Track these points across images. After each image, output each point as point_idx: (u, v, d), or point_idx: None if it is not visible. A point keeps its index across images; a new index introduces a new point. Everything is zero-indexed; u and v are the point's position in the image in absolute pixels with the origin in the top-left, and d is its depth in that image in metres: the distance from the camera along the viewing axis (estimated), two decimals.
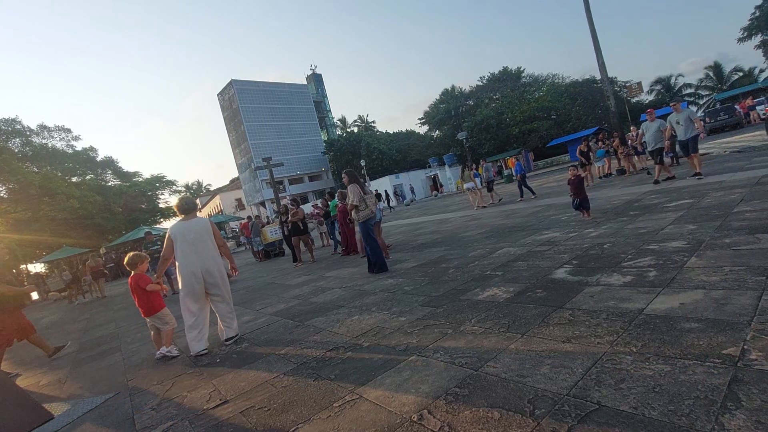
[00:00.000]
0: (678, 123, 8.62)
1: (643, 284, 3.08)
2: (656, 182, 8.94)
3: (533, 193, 12.50)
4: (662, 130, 9.08)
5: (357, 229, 9.66)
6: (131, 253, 4.41)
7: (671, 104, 9.18)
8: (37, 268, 31.73)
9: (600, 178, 13.92)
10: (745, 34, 39.31)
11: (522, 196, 12.62)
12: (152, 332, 4.47)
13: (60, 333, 8.04)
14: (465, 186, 13.50)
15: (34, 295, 19.62)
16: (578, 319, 2.73)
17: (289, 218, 9.69)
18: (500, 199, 13.91)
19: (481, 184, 13.70)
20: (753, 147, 11.82)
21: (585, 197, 6.43)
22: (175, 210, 4.44)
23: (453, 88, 53.57)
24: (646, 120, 9.55)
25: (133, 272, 4.32)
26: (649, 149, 9.56)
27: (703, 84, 46.54)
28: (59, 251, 24.40)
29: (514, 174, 13.61)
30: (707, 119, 24.17)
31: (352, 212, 6.46)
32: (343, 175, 6.69)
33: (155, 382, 3.56)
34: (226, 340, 4.29)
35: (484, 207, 12.90)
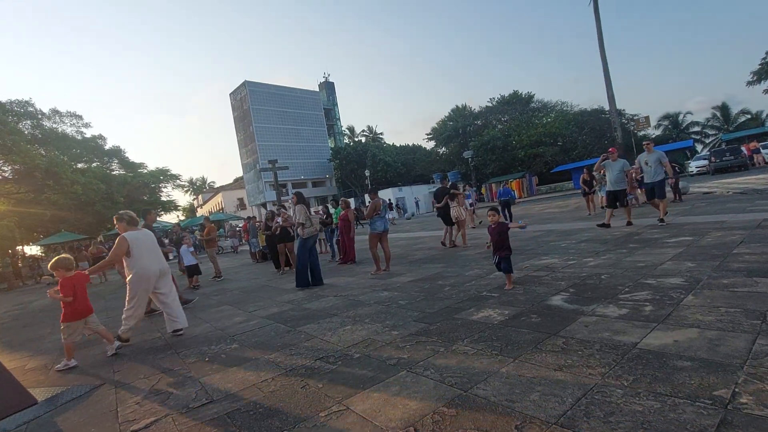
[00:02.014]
0: (647, 164, 8.13)
1: (638, 318, 3.08)
2: (627, 223, 8.38)
3: (511, 220, 13.05)
4: (626, 171, 8.46)
5: (354, 236, 9.67)
6: (64, 256, 4.43)
7: (644, 143, 8.52)
8: (33, 250, 31.68)
9: (602, 207, 13.97)
10: (755, 78, 39.76)
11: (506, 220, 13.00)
12: (89, 333, 4.53)
13: (50, 318, 7.99)
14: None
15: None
16: (571, 348, 2.72)
17: (280, 223, 9.70)
18: (480, 222, 14.28)
19: (469, 207, 14.17)
20: (756, 189, 11.88)
21: (508, 255, 4.62)
22: (121, 221, 4.79)
23: (464, 106, 54.13)
24: (608, 159, 8.65)
25: (65, 275, 4.23)
26: (608, 189, 8.68)
27: (709, 123, 46.98)
28: (57, 235, 24.42)
29: (498, 198, 14.23)
30: (713, 158, 24.26)
31: (298, 229, 7.02)
32: (291, 196, 7.28)
33: (142, 376, 3.54)
34: (175, 331, 4.84)
35: (473, 228, 13.36)
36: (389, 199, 31.37)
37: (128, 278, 4.67)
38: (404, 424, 2.07)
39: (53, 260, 4.34)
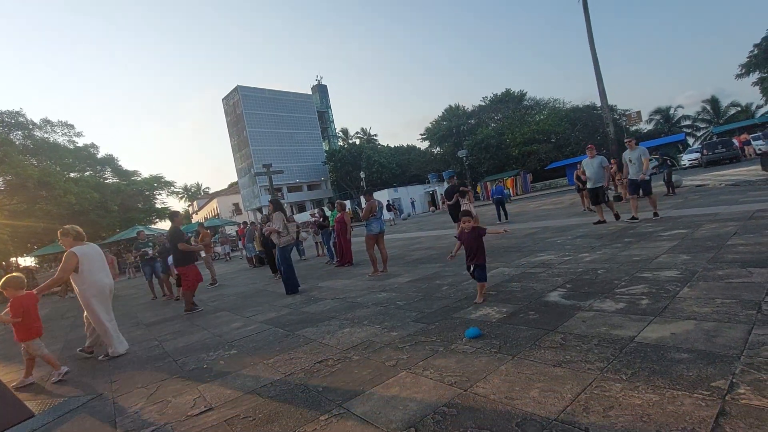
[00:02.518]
0: (631, 161, 8.14)
1: (635, 312, 3.09)
2: (600, 222, 8.40)
3: (506, 218, 13.19)
4: (604, 167, 8.44)
5: (351, 239, 9.66)
6: (14, 275, 4.31)
7: (626, 141, 8.53)
8: (27, 261, 31.37)
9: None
10: (743, 70, 40.21)
11: (499, 219, 13.25)
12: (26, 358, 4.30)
13: (46, 330, 7.90)
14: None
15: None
16: (569, 343, 2.73)
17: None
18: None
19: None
20: (748, 181, 12.00)
21: (483, 263, 4.16)
22: (66, 236, 4.76)
23: (457, 106, 54.29)
24: (586, 158, 8.69)
25: (15, 294, 4.12)
26: (589, 186, 8.75)
27: (700, 117, 47.40)
28: (51, 246, 24.19)
29: (491, 196, 14.42)
30: (705, 151, 24.51)
31: (273, 236, 6.97)
32: (268, 203, 7.24)
33: (140, 385, 3.50)
34: (111, 354, 4.71)
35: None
36: (388, 200, 31.37)
37: (81, 294, 4.54)
38: (405, 425, 2.07)
39: (2, 280, 4.19)
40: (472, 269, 4.21)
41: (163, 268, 10.08)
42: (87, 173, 35.07)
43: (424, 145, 59.18)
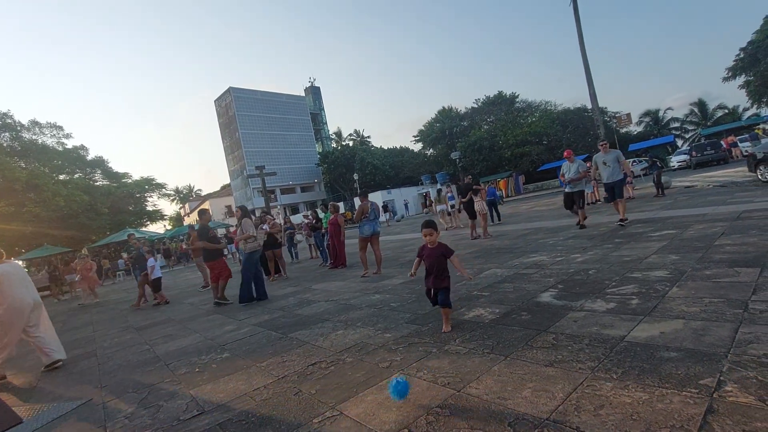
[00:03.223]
0: (605, 164, 7.98)
1: (625, 311, 3.13)
2: (581, 226, 8.21)
3: (499, 219, 13.39)
4: (581, 171, 8.42)
5: (345, 240, 9.65)
6: None
7: (599, 144, 8.40)
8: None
9: (588, 204, 14.26)
10: (730, 74, 40.95)
11: (492, 221, 13.36)
12: None
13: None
14: (438, 208, 14.80)
15: None
16: (561, 343, 2.75)
17: (267, 230, 9.64)
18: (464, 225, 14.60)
19: (452, 208, 14.80)
20: (735, 182, 12.22)
21: (448, 286, 3.50)
22: None
23: (450, 108, 54.54)
24: (566, 161, 8.72)
25: None
26: (567, 190, 8.70)
27: (688, 119, 48.18)
28: (40, 249, 23.80)
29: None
30: (694, 153, 24.92)
31: (240, 242, 7.01)
32: (236, 210, 7.33)
33: (130, 390, 3.46)
34: (53, 364, 4.71)
35: (453, 228, 14.03)
36: (384, 202, 31.39)
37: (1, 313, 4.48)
38: (398, 426, 2.07)
39: None
40: (432, 293, 3.47)
41: (136, 274, 10.01)
42: (76, 175, 34.64)
43: (417, 147, 59.39)
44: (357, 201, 40.46)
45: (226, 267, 7.31)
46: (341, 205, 37.66)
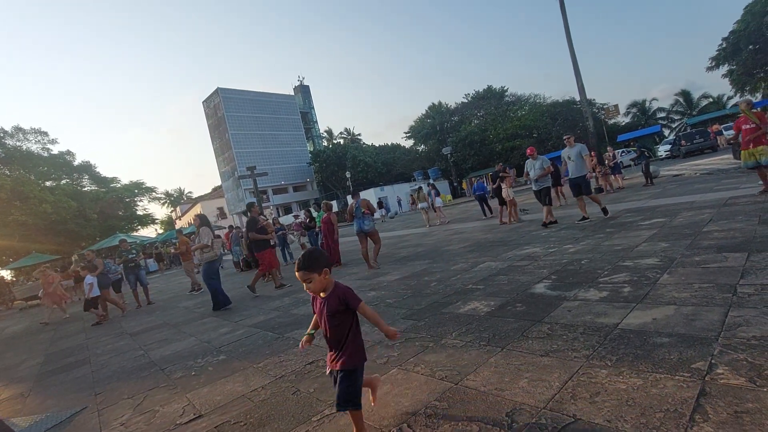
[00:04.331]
0: (569, 159, 7.74)
1: (618, 300, 3.17)
2: (546, 224, 8.03)
3: (491, 212, 13.51)
4: (545, 167, 8.13)
5: (338, 239, 9.63)
6: None
7: (564, 138, 8.14)
8: (2, 274, 30.29)
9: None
10: (714, 63, 41.60)
11: (484, 215, 13.57)
12: None
13: (24, 345, 7.66)
14: (419, 206, 15.10)
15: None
16: (556, 333, 2.78)
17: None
18: (448, 222, 14.90)
19: (432, 205, 15.15)
20: (721, 170, 12.42)
21: (354, 367, 1.97)
22: None
23: (440, 104, 54.60)
24: (529, 159, 8.39)
25: None
26: (534, 189, 8.42)
27: (674, 109, 48.83)
28: (28, 257, 23.39)
29: (473, 193, 14.91)
30: (683, 142, 25.17)
31: (197, 252, 7.00)
32: (194, 218, 7.41)
33: (126, 396, 3.42)
34: None
35: (436, 225, 14.37)
36: (378, 198, 31.40)
37: None
38: (397, 421, 2.07)
39: None
40: (334, 376, 2.03)
41: (130, 280, 9.85)
42: (63, 181, 34.09)
43: (408, 144, 59.46)
44: (350, 198, 40.45)
45: (274, 257, 7.62)
46: (334, 203, 37.61)
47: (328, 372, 2.07)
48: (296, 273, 2.00)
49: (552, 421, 1.79)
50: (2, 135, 30.14)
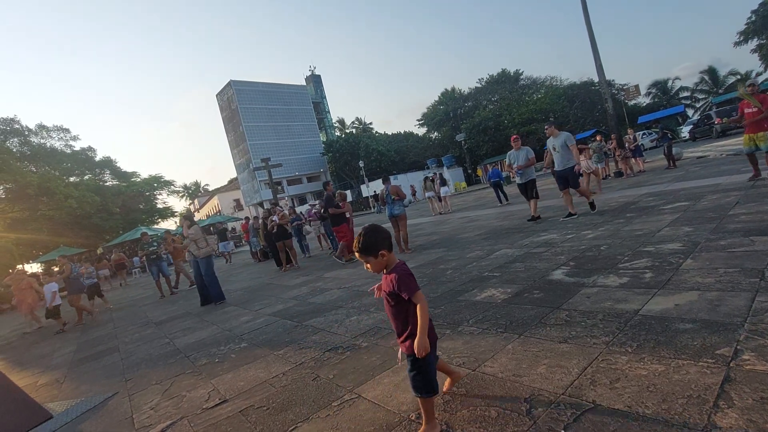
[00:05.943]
0: (555, 149, 7.12)
1: (639, 285, 3.11)
2: (533, 219, 7.70)
3: (507, 199, 13.44)
4: (530, 158, 7.76)
5: (353, 228, 9.68)
6: None
7: (546, 128, 7.42)
8: (33, 268, 31.67)
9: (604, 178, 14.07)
10: (742, 38, 39.56)
11: (500, 202, 13.46)
12: None
13: (58, 335, 8.02)
14: (426, 194, 15.52)
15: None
16: (575, 319, 2.75)
17: (277, 221, 9.71)
18: (450, 212, 15.10)
19: (436, 194, 15.46)
20: None
21: (427, 365, 1.86)
22: None
23: (453, 89, 53.67)
24: (512, 150, 7.98)
25: None
26: (519, 182, 7.98)
27: (699, 87, 46.81)
28: (56, 251, 24.35)
29: (488, 179, 14.99)
30: (718, 119, 23.53)
31: (192, 248, 7.10)
32: (181, 220, 7.79)
33: (154, 382, 3.57)
34: None
35: (441, 214, 14.79)
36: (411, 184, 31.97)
37: None
38: (416, 406, 2.11)
39: None
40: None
41: (152, 271, 10.19)
42: (86, 177, 35.10)
43: (421, 131, 58.83)
44: (364, 188, 40.45)
45: (350, 230, 8.20)
46: (348, 193, 37.73)
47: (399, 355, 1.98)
48: (355, 254, 2.03)
49: (571, 407, 1.79)
50: (27, 133, 31.15)
